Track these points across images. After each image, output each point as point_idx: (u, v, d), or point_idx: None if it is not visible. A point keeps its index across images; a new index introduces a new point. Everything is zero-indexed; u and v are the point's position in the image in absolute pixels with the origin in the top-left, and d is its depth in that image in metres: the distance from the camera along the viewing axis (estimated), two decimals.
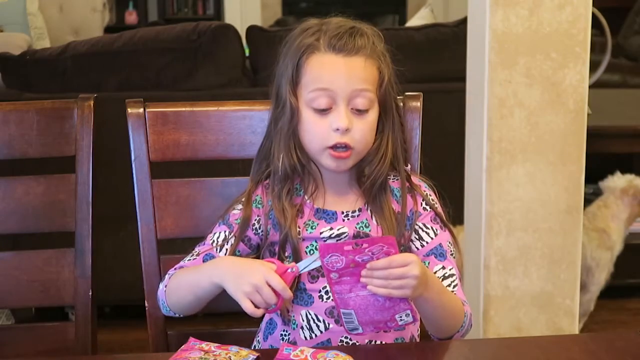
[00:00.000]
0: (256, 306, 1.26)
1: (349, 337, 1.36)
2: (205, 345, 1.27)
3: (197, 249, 1.42)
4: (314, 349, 1.24)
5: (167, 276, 1.41)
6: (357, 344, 1.37)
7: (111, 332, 2.88)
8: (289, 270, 1.28)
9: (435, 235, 1.40)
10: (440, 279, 1.36)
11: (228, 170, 1.59)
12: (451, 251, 1.40)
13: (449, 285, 1.37)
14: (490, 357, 1.33)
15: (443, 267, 1.38)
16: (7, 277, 1.58)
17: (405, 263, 1.21)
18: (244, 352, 1.25)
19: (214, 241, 1.42)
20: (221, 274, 1.30)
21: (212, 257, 1.40)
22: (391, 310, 1.24)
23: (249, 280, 1.25)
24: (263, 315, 1.47)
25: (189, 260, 1.42)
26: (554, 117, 2.29)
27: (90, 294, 1.56)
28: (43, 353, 1.59)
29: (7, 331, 1.78)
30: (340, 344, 1.37)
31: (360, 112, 1.35)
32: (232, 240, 1.41)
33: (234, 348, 1.26)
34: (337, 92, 1.34)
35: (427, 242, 1.40)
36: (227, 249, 1.41)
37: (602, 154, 2.92)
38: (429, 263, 1.38)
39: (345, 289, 1.24)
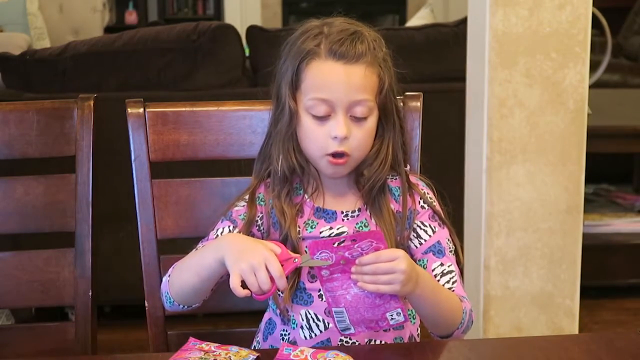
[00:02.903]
0: (246, 288, 1.22)
1: (349, 336, 1.36)
2: (205, 345, 1.27)
3: (200, 245, 1.42)
4: (314, 349, 1.24)
5: (170, 269, 1.40)
6: (357, 343, 1.37)
7: (111, 332, 2.88)
8: (293, 260, 1.26)
9: (434, 232, 1.40)
10: (439, 276, 1.37)
11: (228, 170, 1.59)
12: (450, 248, 1.41)
13: (448, 282, 1.37)
14: (490, 357, 1.33)
15: (441, 264, 1.38)
16: (7, 277, 1.58)
17: (393, 258, 1.21)
18: (244, 352, 1.25)
19: (217, 236, 1.40)
20: (224, 247, 1.28)
21: None
22: (382, 308, 1.24)
23: (249, 259, 1.22)
24: (262, 315, 1.48)
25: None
26: (554, 117, 2.29)
27: (90, 294, 1.56)
28: (43, 353, 1.59)
29: (7, 331, 1.78)
30: (339, 343, 1.37)
31: (358, 119, 1.35)
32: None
33: (234, 348, 1.26)
34: (336, 102, 1.33)
35: (425, 240, 1.40)
36: None
37: (602, 154, 2.92)
38: (427, 260, 1.38)
39: (336, 286, 1.24)
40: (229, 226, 1.41)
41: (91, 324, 1.57)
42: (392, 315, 1.25)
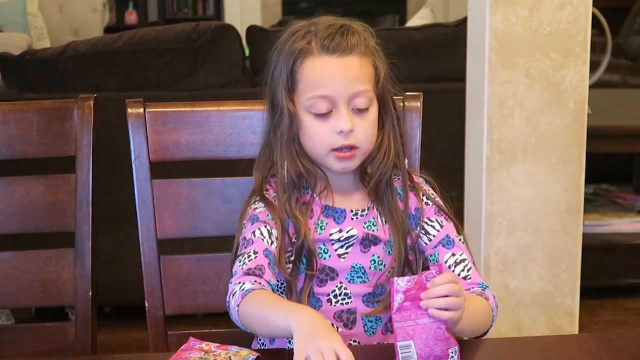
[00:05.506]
0: None
1: (357, 340, 1.36)
2: (205, 345, 1.27)
3: (247, 250, 1.34)
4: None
5: (238, 291, 1.29)
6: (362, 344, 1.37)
7: (111, 332, 2.88)
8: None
9: (441, 227, 1.41)
10: (453, 266, 1.37)
11: (228, 170, 1.59)
12: (459, 238, 1.41)
13: (463, 270, 1.37)
14: (490, 357, 1.33)
15: (453, 254, 1.39)
16: (7, 277, 1.58)
17: (456, 280, 1.19)
18: (244, 352, 1.25)
19: (263, 237, 1.35)
20: (296, 324, 1.18)
21: (270, 252, 1.33)
22: (446, 343, 1.20)
23: (318, 345, 1.12)
24: None
25: (250, 260, 1.33)
26: (554, 117, 2.29)
27: (90, 294, 1.56)
28: (43, 353, 1.59)
29: (7, 331, 1.78)
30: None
31: (360, 111, 1.35)
32: (276, 233, 1.35)
33: (234, 348, 1.26)
34: (336, 96, 1.33)
35: (434, 236, 1.40)
36: (273, 242, 1.35)
37: (602, 154, 2.92)
38: (438, 254, 1.39)
39: (405, 317, 1.18)
40: (266, 226, 1.36)
41: (91, 324, 1.57)
42: (451, 354, 1.20)
